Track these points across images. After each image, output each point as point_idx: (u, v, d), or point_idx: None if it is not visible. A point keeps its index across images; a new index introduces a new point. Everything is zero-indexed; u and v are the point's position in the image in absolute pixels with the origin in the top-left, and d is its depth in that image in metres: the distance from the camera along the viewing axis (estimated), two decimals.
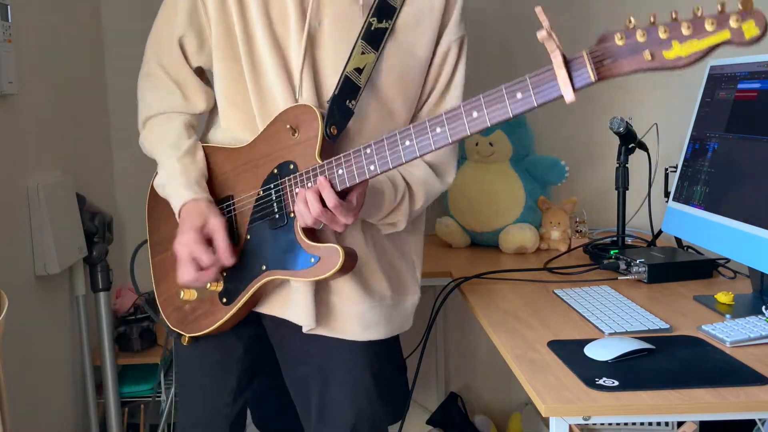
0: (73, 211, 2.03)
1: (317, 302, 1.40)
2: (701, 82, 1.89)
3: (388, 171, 1.25)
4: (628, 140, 2.07)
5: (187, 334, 1.47)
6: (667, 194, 1.99)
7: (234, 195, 1.42)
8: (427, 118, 1.20)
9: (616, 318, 1.52)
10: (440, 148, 1.19)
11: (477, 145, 2.26)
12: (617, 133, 2.05)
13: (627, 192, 2.09)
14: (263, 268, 1.37)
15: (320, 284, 1.40)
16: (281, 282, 1.39)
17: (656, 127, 2.18)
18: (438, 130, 1.17)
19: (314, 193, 1.27)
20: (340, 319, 1.43)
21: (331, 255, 1.30)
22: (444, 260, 2.14)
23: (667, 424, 2.09)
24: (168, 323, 1.49)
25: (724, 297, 1.60)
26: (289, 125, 1.34)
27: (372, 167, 1.25)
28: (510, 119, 1.13)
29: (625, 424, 2.06)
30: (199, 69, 1.48)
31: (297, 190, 1.32)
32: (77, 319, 2.13)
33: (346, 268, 1.30)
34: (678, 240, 2.03)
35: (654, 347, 1.34)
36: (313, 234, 1.35)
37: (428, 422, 2.49)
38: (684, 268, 1.85)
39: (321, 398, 1.47)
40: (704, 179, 1.79)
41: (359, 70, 1.36)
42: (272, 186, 1.36)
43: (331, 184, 1.27)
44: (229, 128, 1.45)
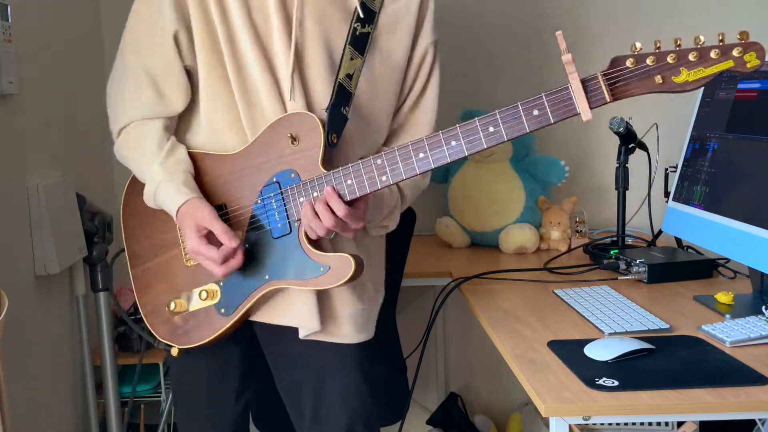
0: (73, 211, 2.03)
1: (319, 306, 1.40)
2: None
3: (400, 182, 1.29)
4: (628, 140, 2.07)
5: (178, 346, 1.43)
6: (667, 194, 1.99)
7: (227, 204, 1.40)
8: (425, 132, 1.27)
9: (616, 318, 1.52)
10: (456, 160, 1.24)
11: None
12: (617, 133, 2.05)
13: (627, 192, 2.09)
14: (266, 277, 1.36)
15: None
16: (280, 290, 1.39)
17: (656, 127, 2.18)
18: (453, 143, 1.23)
19: (324, 204, 1.28)
20: (337, 321, 1.44)
21: (342, 264, 1.30)
22: (444, 260, 2.14)
23: (667, 424, 2.09)
24: (156, 335, 1.45)
25: (724, 297, 1.60)
26: (290, 133, 1.33)
27: (384, 178, 1.28)
28: (526, 134, 1.20)
29: (625, 424, 2.06)
30: (187, 69, 1.43)
31: (301, 199, 1.32)
32: (77, 319, 2.13)
33: (355, 277, 1.31)
34: (678, 240, 2.03)
35: (654, 347, 1.34)
36: (316, 242, 1.35)
37: (428, 422, 2.49)
38: (684, 268, 1.85)
39: (315, 400, 1.47)
40: (704, 179, 1.79)
41: (350, 76, 1.37)
42: (272, 195, 1.36)
43: (339, 194, 1.29)
44: (213, 133, 1.42)
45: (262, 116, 1.38)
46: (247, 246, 1.37)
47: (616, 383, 1.21)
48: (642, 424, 2.08)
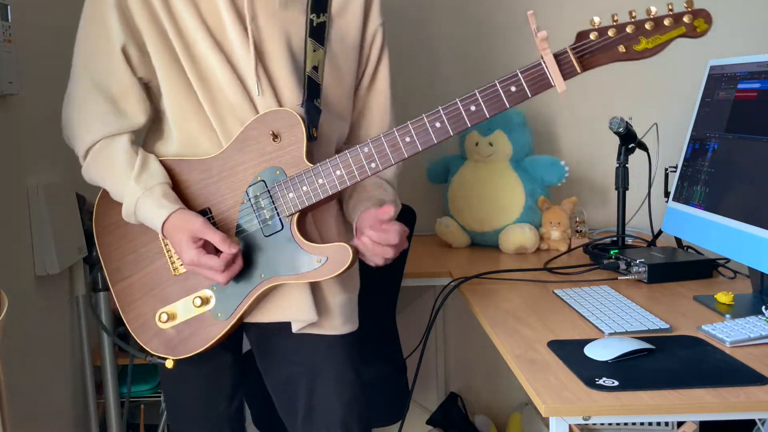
0: (73, 211, 2.03)
1: (314, 297, 1.42)
2: (701, 82, 1.89)
3: (389, 167, 1.31)
4: (628, 140, 2.07)
5: (174, 358, 1.41)
6: (667, 194, 1.99)
7: (211, 208, 1.39)
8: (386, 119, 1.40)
9: (616, 318, 1.52)
10: (442, 141, 1.28)
11: (477, 145, 2.26)
12: (617, 133, 2.05)
13: (627, 192, 2.09)
14: (261, 276, 1.36)
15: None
16: (274, 287, 1.39)
17: (656, 127, 2.18)
18: (438, 125, 1.27)
19: (380, 224, 1.32)
20: (329, 312, 1.45)
21: (339, 254, 1.32)
22: (444, 260, 2.14)
23: (667, 424, 2.09)
24: (149, 350, 1.42)
25: (724, 297, 1.60)
26: (272, 131, 1.34)
27: (373, 165, 1.30)
28: (506, 110, 1.26)
29: (625, 424, 2.06)
30: (142, 81, 1.41)
31: (291, 195, 1.33)
32: (77, 319, 2.13)
33: (352, 265, 1.33)
34: (678, 240, 2.03)
35: (654, 347, 1.34)
36: (308, 235, 1.36)
37: (428, 422, 2.49)
38: (684, 268, 1.85)
39: (309, 395, 1.48)
40: (704, 179, 1.79)
41: (315, 68, 1.39)
42: (259, 194, 1.36)
43: (330, 186, 1.31)
44: (186, 139, 1.40)
45: (232, 115, 1.37)
46: (240, 247, 1.37)
47: (616, 383, 1.21)
48: (642, 424, 2.08)
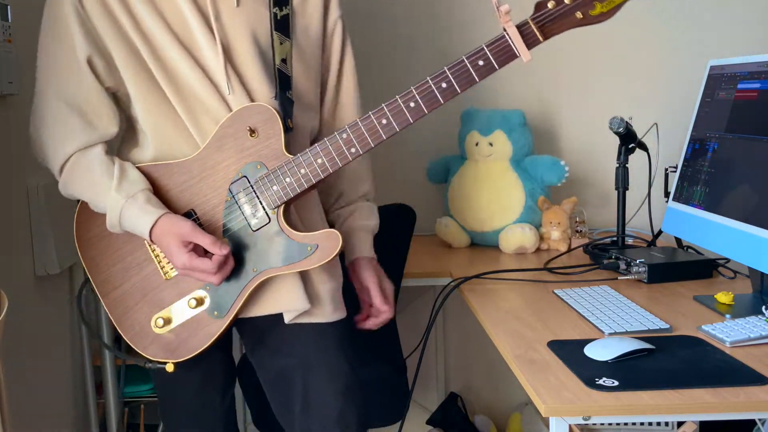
0: (73, 211, 2.03)
1: (305, 285, 1.43)
2: (701, 82, 1.89)
3: (369, 150, 1.34)
4: (628, 140, 2.07)
5: (174, 361, 1.41)
6: (667, 194, 1.99)
7: (195, 210, 1.39)
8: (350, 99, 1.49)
9: (616, 318, 1.52)
10: (417, 119, 1.30)
11: (477, 145, 2.26)
12: (617, 133, 2.05)
13: (627, 192, 2.09)
14: (254, 270, 1.37)
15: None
16: (266, 280, 1.39)
17: (656, 127, 2.18)
18: (412, 104, 1.30)
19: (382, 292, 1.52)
20: (319, 300, 1.46)
21: (329, 240, 1.35)
22: (444, 260, 2.14)
23: (667, 424, 2.09)
24: (147, 356, 1.42)
25: (724, 297, 1.60)
26: (248, 127, 1.35)
27: (353, 150, 1.34)
28: (476, 83, 1.29)
29: (625, 424, 2.06)
30: (109, 90, 1.40)
31: (275, 188, 1.35)
32: (77, 319, 2.13)
33: (342, 250, 1.37)
34: (678, 240, 2.03)
35: (654, 347, 1.34)
36: (293, 224, 1.39)
37: (428, 422, 2.49)
38: (684, 268, 1.85)
39: (305, 387, 1.48)
40: (704, 179, 1.79)
41: (284, 61, 1.41)
42: (242, 190, 1.36)
43: (313, 174, 1.34)
44: (163, 145, 1.39)
45: (206, 116, 1.37)
46: (230, 247, 1.37)
47: (616, 383, 1.21)
48: (642, 424, 2.08)
